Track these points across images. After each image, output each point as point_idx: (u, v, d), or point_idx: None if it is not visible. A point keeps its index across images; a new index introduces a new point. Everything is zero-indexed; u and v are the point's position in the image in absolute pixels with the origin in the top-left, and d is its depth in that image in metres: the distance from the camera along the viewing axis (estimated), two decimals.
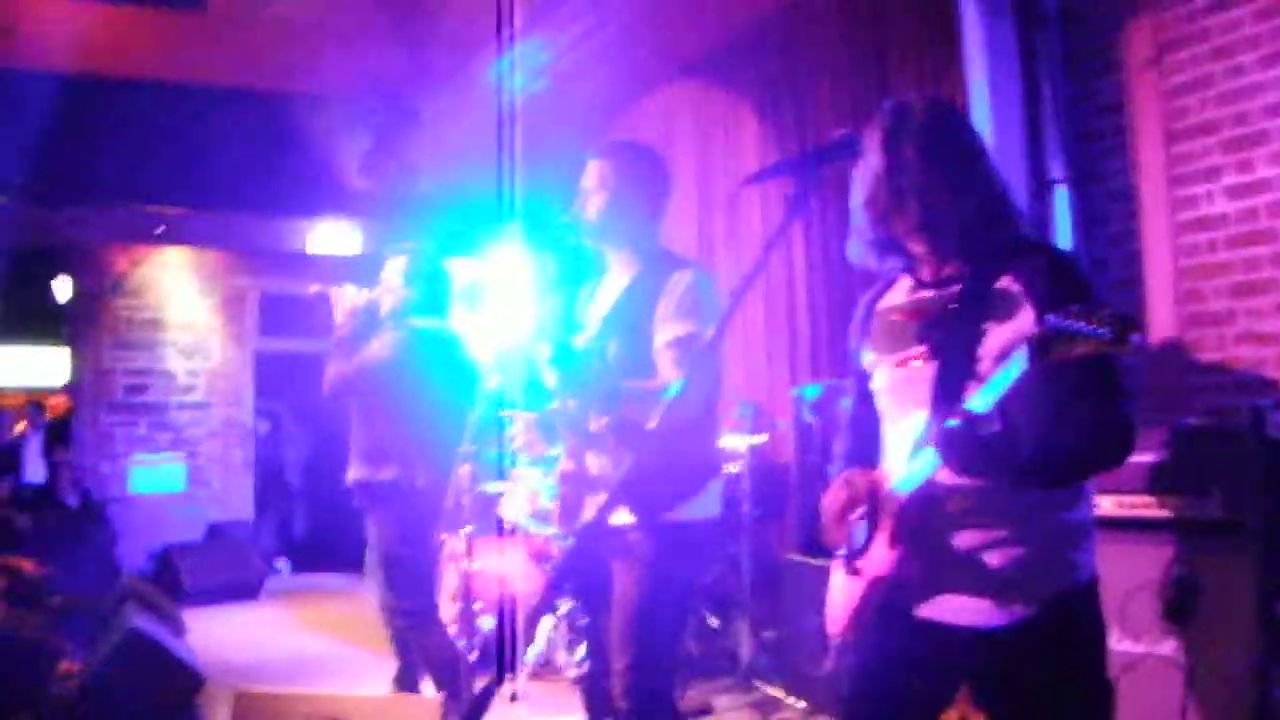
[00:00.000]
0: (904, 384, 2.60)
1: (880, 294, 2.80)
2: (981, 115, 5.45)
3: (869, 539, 2.62)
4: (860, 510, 2.63)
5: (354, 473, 5.25)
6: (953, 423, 2.31)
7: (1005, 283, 2.45)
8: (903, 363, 2.61)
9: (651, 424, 2.23)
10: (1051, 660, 2.44)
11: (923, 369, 2.54)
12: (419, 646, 5.24)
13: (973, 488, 2.43)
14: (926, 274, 2.64)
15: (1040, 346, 2.17)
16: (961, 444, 2.32)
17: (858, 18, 6.55)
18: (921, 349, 2.56)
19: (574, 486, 3.67)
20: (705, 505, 3.56)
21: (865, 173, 2.59)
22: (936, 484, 2.45)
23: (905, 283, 2.72)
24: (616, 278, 3.78)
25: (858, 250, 2.71)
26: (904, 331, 2.62)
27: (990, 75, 5.49)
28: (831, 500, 2.67)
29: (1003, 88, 5.49)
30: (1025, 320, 2.37)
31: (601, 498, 3.53)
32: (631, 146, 3.99)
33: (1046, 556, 2.45)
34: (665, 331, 3.48)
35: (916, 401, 2.52)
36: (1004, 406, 2.28)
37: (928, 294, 2.61)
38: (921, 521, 2.50)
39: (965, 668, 2.54)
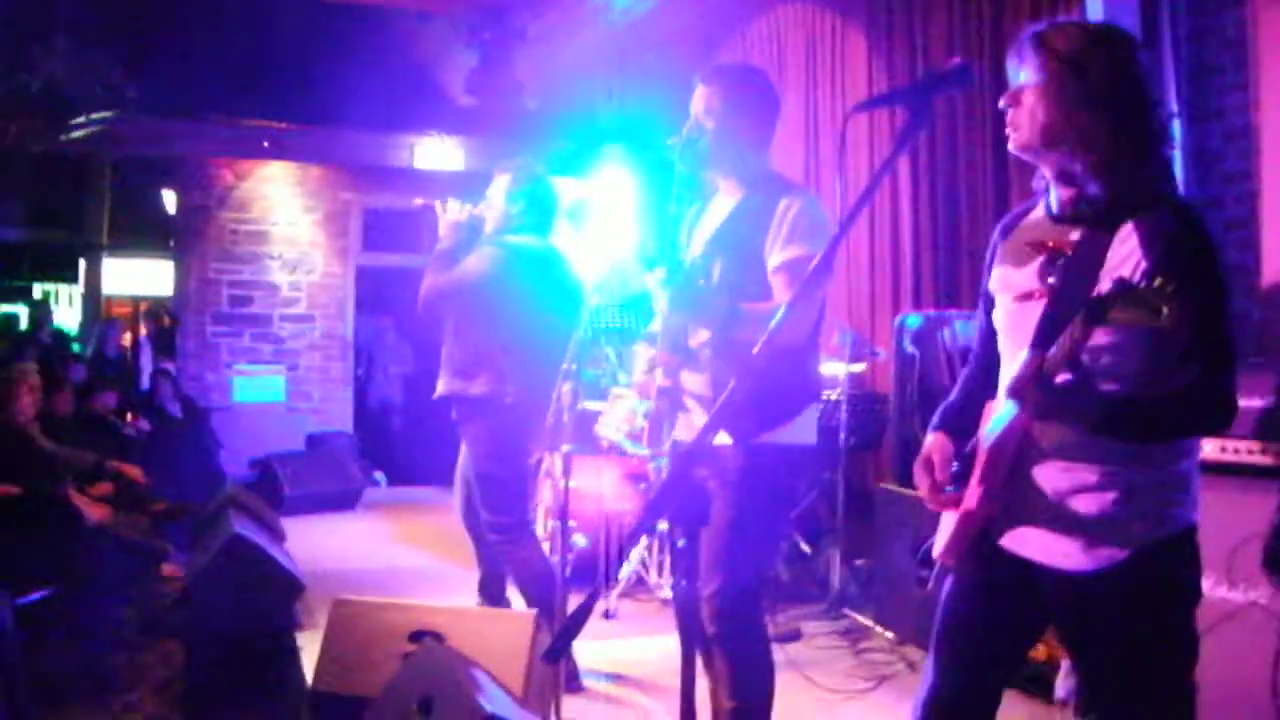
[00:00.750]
0: (1019, 320, 2.56)
1: (1018, 219, 2.74)
2: None
3: (963, 473, 2.60)
4: (949, 467, 2.65)
5: (444, 386, 5.22)
6: (1020, 369, 2.32)
7: (1126, 232, 2.39)
8: (1022, 297, 2.57)
9: (756, 346, 2.19)
10: (1137, 610, 2.40)
11: (1036, 307, 2.49)
12: (511, 562, 5.26)
13: (1064, 431, 2.39)
14: (1062, 204, 2.57)
15: (1098, 307, 2.13)
16: (1029, 390, 2.31)
17: None
18: (1039, 286, 2.51)
19: (668, 403, 3.64)
20: (802, 431, 3.55)
21: (1020, 90, 2.52)
22: (1024, 425, 2.42)
23: (1040, 210, 2.66)
24: (723, 201, 3.74)
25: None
26: (1029, 263, 2.57)
27: (1106, 6, 5.34)
28: (917, 467, 2.72)
29: (1120, 19, 5.34)
30: (1134, 274, 2.29)
31: (695, 416, 3.55)
32: (741, 70, 3.93)
33: (1139, 505, 2.39)
34: (777, 255, 3.45)
35: (1024, 341, 2.47)
36: (1075, 356, 2.24)
37: (1057, 229, 2.55)
38: (1007, 460, 2.47)
39: (1050, 606, 2.53)
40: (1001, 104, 2.55)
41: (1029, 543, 2.49)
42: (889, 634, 5.83)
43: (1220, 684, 3.15)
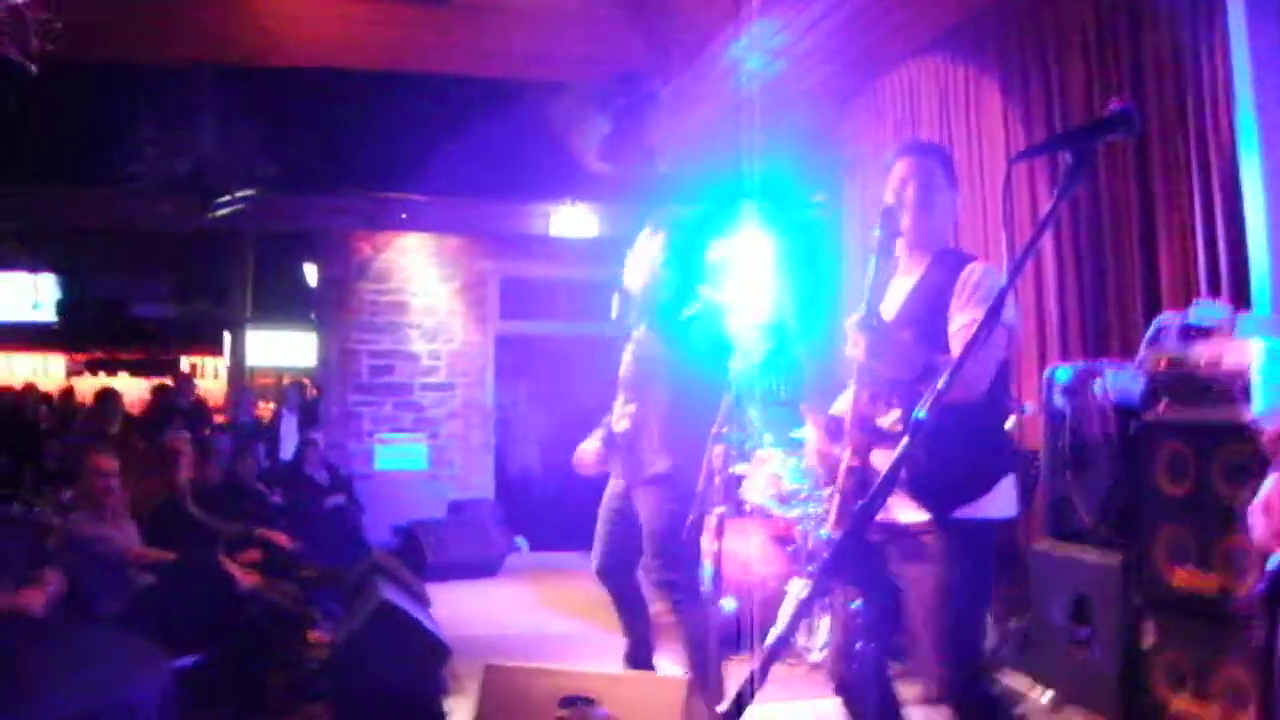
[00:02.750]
0: None
1: None
2: (1244, 85, 5.18)
3: None
4: None
5: (660, 466, 5.21)
6: None
7: None
8: None
9: (924, 404, 2.16)
10: None
11: None
12: (687, 621, 5.19)
13: None
14: None
15: None
16: None
17: None
18: None
19: (855, 482, 3.55)
20: (1000, 503, 3.52)
21: None
22: None
23: None
24: (907, 274, 3.82)
25: None
26: None
27: (1252, 42, 5.20)
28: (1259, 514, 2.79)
29: (1266, 56, 5.20)
30: None
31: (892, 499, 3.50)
32: (936, 146, 4.13)
33: None
34: (960, 317, 3.52)
35: None
36: None
37: None
38: None
39: None
40: None
41: None
42: (1045, 694, 5.66)
43: None
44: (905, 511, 3.39)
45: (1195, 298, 5.11)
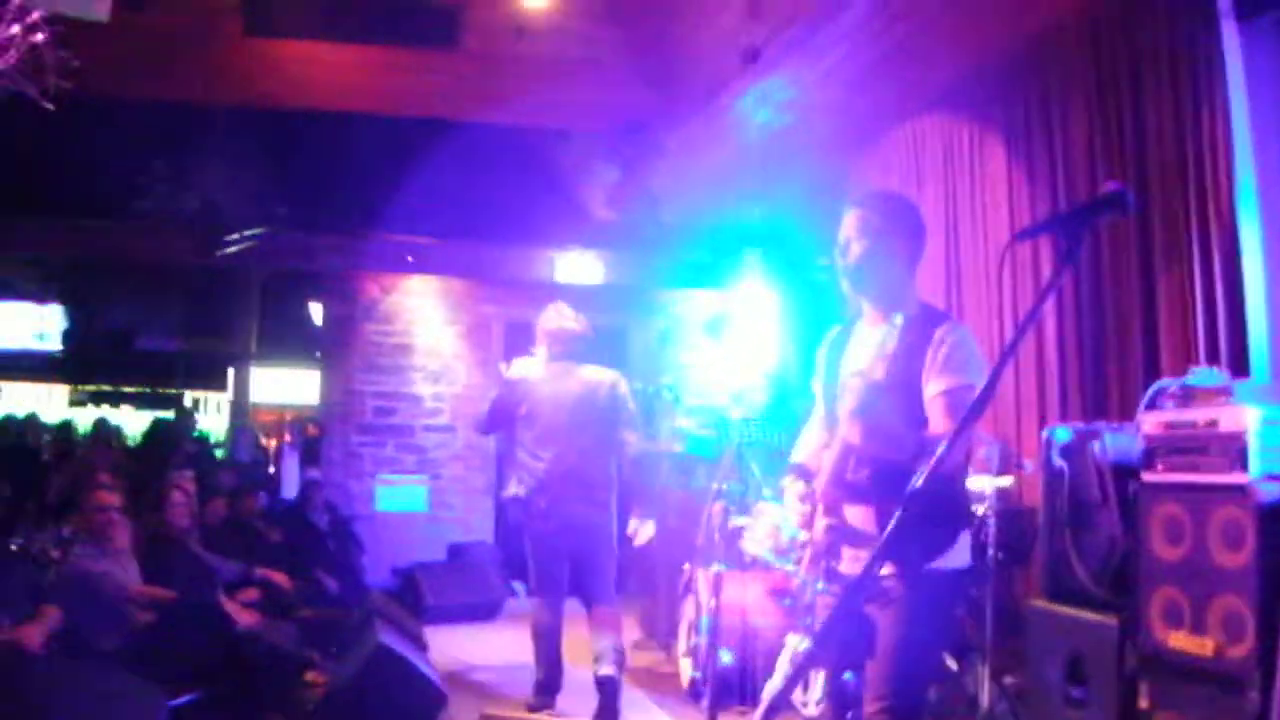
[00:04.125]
0: None
1: None
2: (1243, 146, 5.24)
3: None
4: None
5: None
6: None
7: None
8: None
9: (918, 479, 2.22)
10: None
11: None
12: None
13: None
14: None
15: None
16: None
17: (1108, 39, 6.35)
18: None
19: (831, 537, 3.70)
20: (960, 555, 3.62)
21: None
22: None
23: None
24: (872, 327, 3.82)
25: None
26: None
27: (1251, 104, 5.27)
28: None
29: (1265, 117, 5.27)
30: None
31: (861, 551, 3.60)
32: (891, 196, 4.08)
33: None
34: (935, 384, 3.55)
35: None
36: None
37: None
38: None
39: None
40: None
41: None
42: None
43: None
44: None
45: (1193, 363, 5.14)
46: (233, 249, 11.03)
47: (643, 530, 7.28)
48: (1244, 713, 4.09)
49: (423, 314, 12.28)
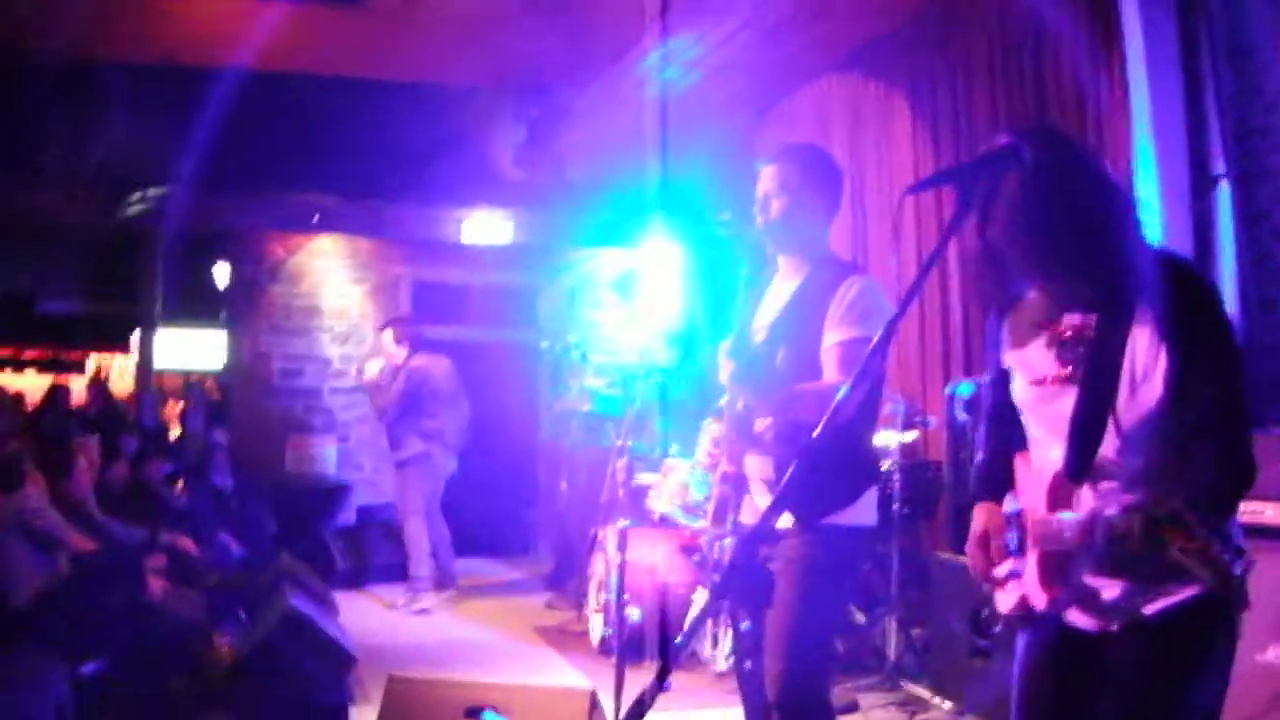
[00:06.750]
0: (1038, 403, 2.61)
1: (1014, 299, 2.75)
2: (1141, 109, 5.33)
3: (1020, 551, 2.64)
4: (1005, 536, 2.68)
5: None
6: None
7: (1142, 313, 2.43)
8: (1038, 382, 2.60)
9: (816, 430, 2.21)
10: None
11: (1055, 392, 2.55)
12: None
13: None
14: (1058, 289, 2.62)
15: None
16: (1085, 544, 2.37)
17: (1014, 11, 6.42)
18: (1057, 371, 2.56)
19: (733, 487, 3.71)
20: (863, 512, 3.60)
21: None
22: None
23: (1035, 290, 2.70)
24: (785, 281, 3.79)
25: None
26: (1033, 342, 2.63)
27: (1149, 68, 5.35)
28: (971, 547, 2.78)
29: (1163, 81, 5.35)
30: (1161, 362, 2.39)
31: (760, 500, 3.60)
32: (810, 150, 3.98)
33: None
34: (832, 335, 3.52)
35: (1056, 431, 2.53)
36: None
37: (1057, 308, 2.59)
38: (1069, 567, 2.52)
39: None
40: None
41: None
42: (946, 704, 5.77)
43: None
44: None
45: None
46: (135, 209, 10.84)
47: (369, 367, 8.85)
48: None
49: (330, 274, 12.12)
